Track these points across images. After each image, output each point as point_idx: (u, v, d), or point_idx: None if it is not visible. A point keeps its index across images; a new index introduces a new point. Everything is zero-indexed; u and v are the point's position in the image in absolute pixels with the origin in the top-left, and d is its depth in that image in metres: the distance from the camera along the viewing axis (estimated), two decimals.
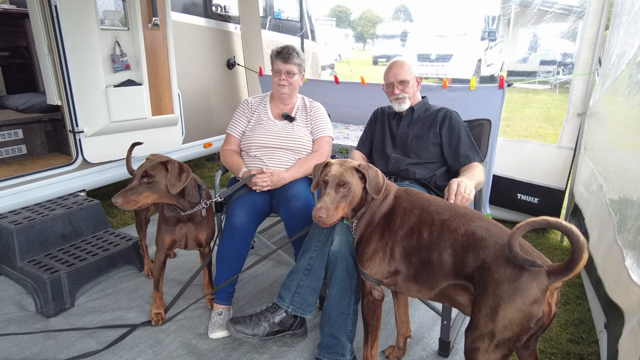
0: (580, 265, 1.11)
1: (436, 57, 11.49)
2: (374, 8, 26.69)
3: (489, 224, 1.35)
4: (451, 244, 1.35)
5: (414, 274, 1.45)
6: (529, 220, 1.17)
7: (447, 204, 1.49)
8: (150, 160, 1.81)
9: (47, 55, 2.75)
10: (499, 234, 1.30)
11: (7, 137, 3.18)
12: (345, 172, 1.50)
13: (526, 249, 1.25)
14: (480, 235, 1.31)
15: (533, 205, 3.06)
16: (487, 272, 1.23)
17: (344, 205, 1.50)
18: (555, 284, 1.16)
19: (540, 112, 7.52)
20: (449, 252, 1.35)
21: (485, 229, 1.32)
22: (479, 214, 1.42)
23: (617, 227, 1.74)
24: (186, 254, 2.73)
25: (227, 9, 4.42)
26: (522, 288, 1.16)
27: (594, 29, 2.62)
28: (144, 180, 1.75)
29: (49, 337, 1.97)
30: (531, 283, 1.16)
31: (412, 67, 2.13)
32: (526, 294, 1.15)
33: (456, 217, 1.39)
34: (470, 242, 1.31)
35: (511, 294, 1.17)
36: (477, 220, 1.36)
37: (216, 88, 4.34)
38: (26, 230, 2.35)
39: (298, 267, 1.78)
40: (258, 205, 2.13)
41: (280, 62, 2.27)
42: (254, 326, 1.77)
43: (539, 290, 1.15)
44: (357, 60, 17.39)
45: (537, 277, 1.16)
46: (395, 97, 2.13)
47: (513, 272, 1.18)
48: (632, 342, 1.32)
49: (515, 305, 1.16)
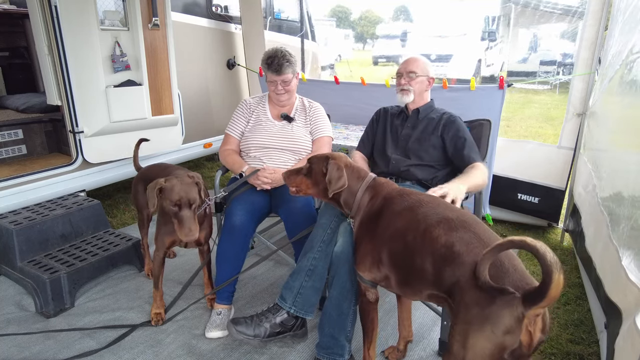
0: (552, 289, 0.96)
1: (436, 58, 11.49)
2: (374, 8, 26.73)
3: (473, 235, 1.23)
4: (431, 253, 1.26)
5: (404, 278, 1.40)
6: (496, 244, 1.06)
7: (440, 206, 1.40)
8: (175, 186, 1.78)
9: (47, 56, 2.75)
10: (479, 250, 1.15)
11: (7, 137, 3.18)
12: (319, 157, 1.69)
13: (507, 268, 1.12)
14: (458, 250, 1.20)
15: (533, 206, 3.06)
16: (460, 292, 1.13)
17: (299, 180, 1.71)
18: (534, 311, 1.02)
19: (540, 113, 7.53)
20: (430, 260, 1.26)
21: (466, 243, 1.21)
22: (470, 220, 1.31)
23: (611, 226, 1.74)
24: (186, 254, 2.73)
25: (227, 9, 4.42)
26: (493, 316, 1.04)
27: (593, 29, 2.62)
28: (193, 206, 1.80)
29: (48, 338, 1.97)
30: (503, 311, 1.03)
31: (427, 66, 2.15)
32: (497, 323, 1.03)
33: (441, 224, 1.29)
34: (448, 256, 1.21)
35: (481, 322, 1.06)
36: (461, 230, 1.25)
37: (216, 88, 4.34)
38: (26, 231, 2.35)
39: (301, 267, 1.77)
40: (257, 205, 2.13)
41: (273, 74, 2.22)
42: (255, 327, 1.76)
43: (511, 319, 1.02)
44: (357, 61, 17.40)
45: (510, 304, 1.03)
46: (401, 87, 2.14)
47: (485, 297, 1.06)
48: (628, 342, 1.32)
49: (485, 335, 1.05)
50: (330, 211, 1.80)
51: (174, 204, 1.76)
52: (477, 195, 2.17)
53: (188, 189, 1.78)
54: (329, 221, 1.78)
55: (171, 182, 1.78)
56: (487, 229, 1.29)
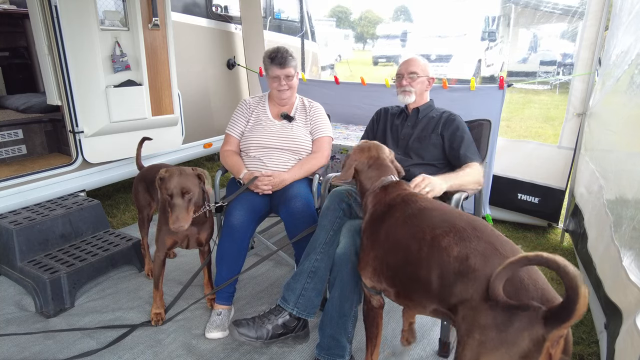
0: (580, 305, 0.89)
1: (436, 58, 11.50)
2: (374, 8, 26.75)
3: (489, 247, 1.13)
4: (439, 265, 1.18)
5: (406, 291, 1.34)
6: (508, 262, 0.99)
7: (447, 214, 1.32)
8: (172, 175, 1.79)
9: (47, 56, 2.75)
10: (498, 264, 1.04)
11: (7, 137, 3.18)
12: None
13: (526, 285, 1.04)
14: (474, 264, 1.11)
15: (533, 206, 3.06)
16: (475, 312, 1.05)
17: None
18: (557, 332, 0.93)
19: (540, 113, 7.53)
20: (437, 273, 1.18)
21: (483, 255, 1.11)
22: (483, 228, 1.21)
23: (614, 227, 1.74)
24: (186, 254, 2.73)
25: (227, 9, 4.42)
26: (510, 339, 0.98)
27: (593, 29, 2.62)
28: (186, 196, 1.78)
29: (48, 338, 1.97)
30: (522, 334, 0.96)
31: (427, 66, 2.16)
32: (513, 347, 0.97)
33: (450, 233, 1.20)
34: (461, 270, 1.12)
35: (497, 345, 0.99)
36: (475, 241, 1.15)
37: (216, 88, 4.34)
38: (26, 231, 2.35)
39: (303, 269, 1.77)
40: (257, 205, 2.13)
41: (277, 67, 2.23)
42: (257, 329, 1.75)
43: (530, 343, 0.95)
44: (357, 61, 17.41)
45: (530, 325, 0.96)
46: (402, 89, 2.14)
47: (503, 318, 0.99)
48: (628, 342, 1.32)
49: (500, 356, 0.99)
50: (332, 212, 1.80)
51: (168, 192, 1.77)
52: (477, 195, 2.17)
53: (185, 179, 1.78)
54: (331, 222, 1.78)
55: (170, 172, 1.81)
56: (503, 237, 1.20)
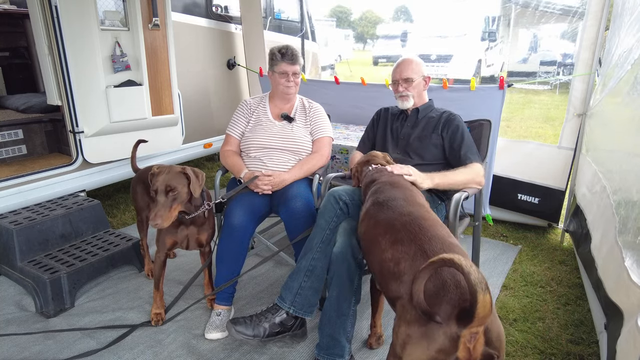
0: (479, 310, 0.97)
1: (436, 58, 11.50)
2: (374, 8, 26.76)
3: (418, 251, 1.24)
4: (379, 263, 1.34)
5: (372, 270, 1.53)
6: (423, 266, 1.07)
7: (396, 210, 1.44)
8: (161, 172, 1.80)
9: (47, 56, 2.75)
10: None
11: (7, 137, 3.18)
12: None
13: (448, 285, 1.12)
14: (401, 268, 1.25)
15: (533, 206, 3.06)
16: (404, 309, 1.18)
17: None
18: (468, 331, 1.03)
19: (540, 113, 7.53)
20: (378, 269, 1.35)
21: (412, 259, 1.23)
22: (428, 231, 1.30)
23: (619, 228, 1.74)
24: (186, 254, 2.73)
25: (227, 9, 4.42)
26: (429, 334, 1.09)
27: (594, 29, 2.62)
28: (170, 194, 1.77)
29: (49, 338, 1.97)
30: (438, 331, 1.07)
31: (420, 66, 2.15)
32: (432, 341, 1.08)
33: (387, 235, 1.36)
34: (394, 272, 1.26)
35: (419, 337, 1.11)
36: (407, 244, 1.28)
37: (216, 88, 4.34)
38: (26, 231, 2.35)
39: (300, 267, 1.77)
40: (257, 205, 2.13)
41: (287, 63, 2.26)
42: (254, 327, 1.76)
43: (445, 339, 1.06)
44: (357, 61, 17.41)
45: (445, 324, 1.07)
46: (400, 94, 2.15)
47: (422, 317, 1.11)
48: (630, 343, 1.31)
49: (421, 349, 1.11)
50: (329, 212, 1.80)
51: (154, 188, 1.78)
52: (477, 195, 2.17)
53: (171, 177, 1.78)
54: (328, 222, 1.78)
55: (160, 169, 1.82)
56: (440, 235, 1.28)
